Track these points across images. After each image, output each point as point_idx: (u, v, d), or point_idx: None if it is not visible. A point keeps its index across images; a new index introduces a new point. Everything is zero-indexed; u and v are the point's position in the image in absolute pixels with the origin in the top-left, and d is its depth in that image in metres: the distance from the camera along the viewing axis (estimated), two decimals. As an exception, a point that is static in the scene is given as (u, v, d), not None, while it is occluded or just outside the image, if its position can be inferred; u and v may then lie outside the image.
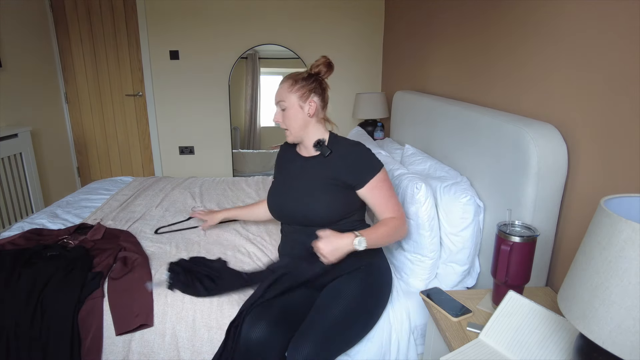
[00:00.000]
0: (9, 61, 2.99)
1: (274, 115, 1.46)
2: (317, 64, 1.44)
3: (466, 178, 1.65)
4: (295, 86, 1.40)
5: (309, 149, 1.48)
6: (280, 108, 1.43)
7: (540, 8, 1.42)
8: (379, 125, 3.27)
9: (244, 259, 1.70)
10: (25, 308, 1.36)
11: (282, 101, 1.41)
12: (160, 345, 1.39)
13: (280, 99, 1.42)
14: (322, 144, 1.44)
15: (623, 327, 0.63)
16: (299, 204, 1.43)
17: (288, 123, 1.43)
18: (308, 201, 1.42)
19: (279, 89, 1.43)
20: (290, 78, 1.42)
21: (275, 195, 1.53)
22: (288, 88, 1.41)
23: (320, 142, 1.44)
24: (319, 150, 1.44)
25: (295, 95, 1.40)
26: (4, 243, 1.70)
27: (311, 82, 1.42)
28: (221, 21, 3.60)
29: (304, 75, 1.42)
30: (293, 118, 1.42)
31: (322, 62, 1.43)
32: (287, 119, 1.42)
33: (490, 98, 1.78)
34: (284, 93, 1.41)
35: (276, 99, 1.44)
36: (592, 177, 1.20)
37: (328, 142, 1.46)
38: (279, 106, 1.43)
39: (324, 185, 1.41)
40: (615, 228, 0.65)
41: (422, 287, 1.55)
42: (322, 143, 1.44)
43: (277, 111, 1.45)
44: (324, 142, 1.45)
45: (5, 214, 2.84)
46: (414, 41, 2.77)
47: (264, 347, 1.23)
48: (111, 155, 3.95)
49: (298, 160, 1.52)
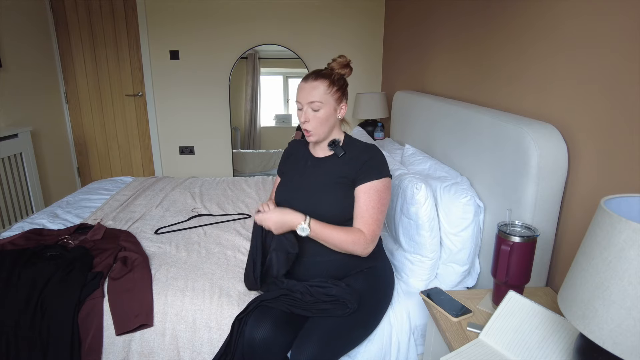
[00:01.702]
0: (9, 61, 2.99)
1: (303, 115, 1.36)
2: (342, 63, 1.39)
3: (466, 178, 1.65)
4: (333, 88, 1.35)
5: (324, 149, 1.46)
6: (312, 109, 1.35)
7: (540, 8, 1.42)
8: (379, 125, 3.27)
9: (244, 258, 1.70)
10: (25, 308, 1.36)
11: (318, 102, 1.33)
12: (160, 345, 1.39)
13: (317, 100, 1.33)
14: (337, 144, 1.42)
15: (623, 327, 0.63)
16: (309, 201, 1.41)
17: (317, 124, 1.36)
18: (318, 199, 1.40)
19: (313, 89, 1.34)
20: (325, 78, 1.35)
21: (285, 192, 1.50)
22: (326, 90, 1.34)
23: (335, 142, 1.42)
24: (333, 149, 1.42)
25: (332, 97, 1.35)
26: (4, 243, 1.70)
27: (342, 84, 1.39)
28: (221, 21, 3.60)
29: (336, 77, 1.37)
30: (326, 120, 1.36)
31: (346, 63, 1.40)
32: (319, 120, 1.35)
33: (490, 98, 1.78)
34: (321, 94, 1.33)
35: (308, 99, 1.34)
36: (592, 177, 1.20)
37: (343, 143, 1.44)
38: (310, 106, 1.34)
39: (334, 184, 1.39)
40: (615, 228, 0.65)
41: (422, 288, 1.55)
42: (337, 143, 1.42)
43: (306, 111, 1.35)
44: (339, 142, 1.43)
45: (6, 214, 2.84)
46: (414, 41, 2.77)
47: (268, 347, 1.24)
48: (111, 155, 3.95)
49: (310, 159, 1.50)
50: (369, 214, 1.33)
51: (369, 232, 1.33)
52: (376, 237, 1.34)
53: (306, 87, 1.36)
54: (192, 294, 1.46)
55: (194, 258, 1.70)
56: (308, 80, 1.37)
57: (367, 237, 1.32)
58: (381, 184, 1.35)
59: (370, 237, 1.33)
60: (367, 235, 1.32)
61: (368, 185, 1.35)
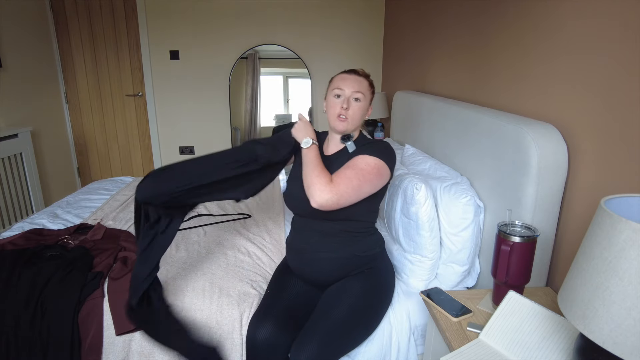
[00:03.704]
0: (9, 61, 2.99)
1: (345, 102, 1.40)
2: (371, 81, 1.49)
3: (466, 178, 1.65)
4: (370, 89, 1.46)
5: (337, 143, 1.48)
6: (354, 98, 1.40)
7: (541, 7, 1.42)
8: (379, 126, 3.27)
9: (244, 258, 1.70)
10: (25, 308, 1.36)
11: (362, 93, 1.41)
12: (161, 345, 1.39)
13: (361, 91, 1.41)
14: (350, 139, 1.45)
15: (623, 327, 0.63)
16: None
17: (355, 115, 1.41)
18: None
19: (359, 82, 1.42)
20: (367, 78, 1.46)
21: (294, 186, 1.50)
22: (368, 87, 1.44)
23: (350, 136, 1.45)
24: (344, 143, 1.45)
25: (369, 97, 1.45)
26: (4, 243, 1.70)
27: (373, 90, 1.49)
28: (221, 21, 3.60)
29: (371, 80, 1.48)
30: (360, 112, 1.42)
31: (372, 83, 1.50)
32: (356, 111, 1.41)
33: (490, 98, 1.77)
34: (364, 88, 1.42)
35: (354, 87, 1.40)
36: (592, 177, 1.20)
37: (357, 140, 1.47)
38: (354, 95, 1.40)
39: None
40: (615, 228, 0.65)
41: (422, 288, 1.55)
42: (351, 138, 1.45)
43: (348, 99, 1.39)
44: (352, 137, 1.46)
45: (6, 214, 2.84)
46: (414, 41, 2.77)
47: (269, 347, 1.24)
48: (111, 155, 3.95)
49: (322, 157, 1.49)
50: (344, 172, 1.29)
51: (335, 184, 1.26)
52: (338, 194, 1.25)
53: (351, 78, 1.42)
54: (192, 294, 1.46)
55: (194, 258, 1.69)
56: (352, 74, 1.44)
57: (330, 186, 1.25)
58: (372, 159, 1.32)
59: (333, 188, 1.24)
60: (331, 185, 1.25)
61: (359, 156, 1.34)
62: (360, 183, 1.28)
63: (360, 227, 1.41)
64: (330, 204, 1.24)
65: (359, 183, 1.28)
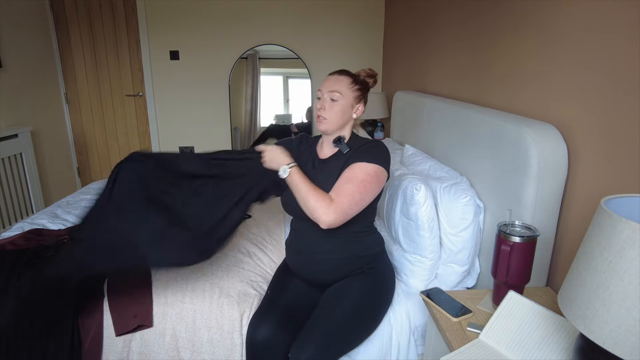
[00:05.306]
0: (9, 61, 2.99)
1: (319, 103, 1.39)
2: (369, 73, 1.44)
3: (466, 178, 1.65)
4: (356, 86, 1.40)
5: (330, 147, 1.45)
6: (330, 98, 1.37)
7: (541, 8, 1.42)
8: (379, 126, 3.27)
9: (244, 258, 1.70)
10: (25, 308, 1.36)
11: (337, 92, 1.37)
12: (160, 345, 1.39)
13: (337, 90, 1.37)
14: (342, 141, 1.41)
15: (623, 327, 0.63)
16: None
17: (333, 115, 1.38)
18: None
19: (336, 81, 1.39)
20: (350, 76, 1.41)
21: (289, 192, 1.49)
22: (349, 84, 1.38)
23: (340, 138, 1.42)
24: (337, 146, 1.41)
25: (353, 94, 1.39)
26: (4, 243, 1.70)
27: (364, 86, 1.43)
28: (221, 21, 3.60)
29: (361, 79, 1.42)
30: (341, 113, 1.38)
31: (373, 74, 1.45)
32: (334, 111, 1.37)
33: (490, 98, 1.77)
34: (342, 87, 1.38)
35: (329, 87, 1.38)
36: (592, 177, 1.20)
37: (349, 140, 1.44)
38: (329, 95, 1.37)
39: None
40: (615, 228, 0.65)
41: (422, 288, 1.55)
42: (342, 140, 1.42)
43: (325, 100, 1.38)
44: (344, 139, 1.43)
45: (6, 214, 2.84)
46: (414, 41, 2.77)
47: (269, 347, 1.24)
48: (111, 155, 3.95)
49: (316, 160, 1.49)
50: (345, 188, 1.27)
51: (338, 202, 1.25)
52: (344, 213, 1.25)
53: (331, 79, 1.41)
54: (192, 294, 1.46)
55: (194, 258, 1.69)
56: (334, 74, 1.42)
57: (334, 206, 1.24)
58: (371, 167, 1.30)
59: (337, 207, 1.24)
60: (334, 205, 1.24)
61: (357, 164, 1.31)
62: (362, 196, 1.29)
63: (359, 227, 1.41)
64: (338, 222, 1.26)
65: (361, 196, 1.28)
